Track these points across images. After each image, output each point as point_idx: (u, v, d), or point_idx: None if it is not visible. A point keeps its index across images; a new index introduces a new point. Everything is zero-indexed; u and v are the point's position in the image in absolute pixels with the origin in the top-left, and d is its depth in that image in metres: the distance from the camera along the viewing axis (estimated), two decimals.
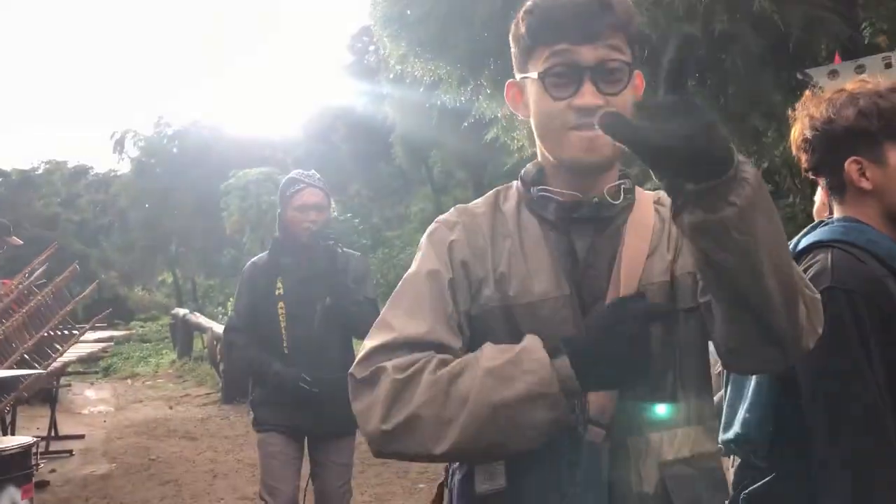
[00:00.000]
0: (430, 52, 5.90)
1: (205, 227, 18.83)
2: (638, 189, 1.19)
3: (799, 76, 3.70)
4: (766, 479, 1.33)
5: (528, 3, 1.14)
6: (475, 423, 0.98)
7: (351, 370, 1.06)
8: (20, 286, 3.92)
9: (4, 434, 4.90)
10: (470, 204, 1.23)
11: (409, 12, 5.92)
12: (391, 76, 8.08)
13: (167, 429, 7.35)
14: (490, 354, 1.01)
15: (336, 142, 18.19)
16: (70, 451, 6.38)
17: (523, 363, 0.99)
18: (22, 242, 6.66)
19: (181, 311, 12.60)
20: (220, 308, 15.65)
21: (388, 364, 1.03)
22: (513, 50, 1.18)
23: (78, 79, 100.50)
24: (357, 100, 16.79)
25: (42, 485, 5.31)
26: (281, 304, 2.95)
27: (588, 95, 1.07)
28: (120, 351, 13.36)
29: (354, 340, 3.13)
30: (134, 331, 14.66)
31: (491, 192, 1.24)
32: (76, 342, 4.18)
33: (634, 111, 1.06)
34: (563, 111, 1.08)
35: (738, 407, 1.37)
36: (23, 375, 3.15)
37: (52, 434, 6.55)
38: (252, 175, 14.95)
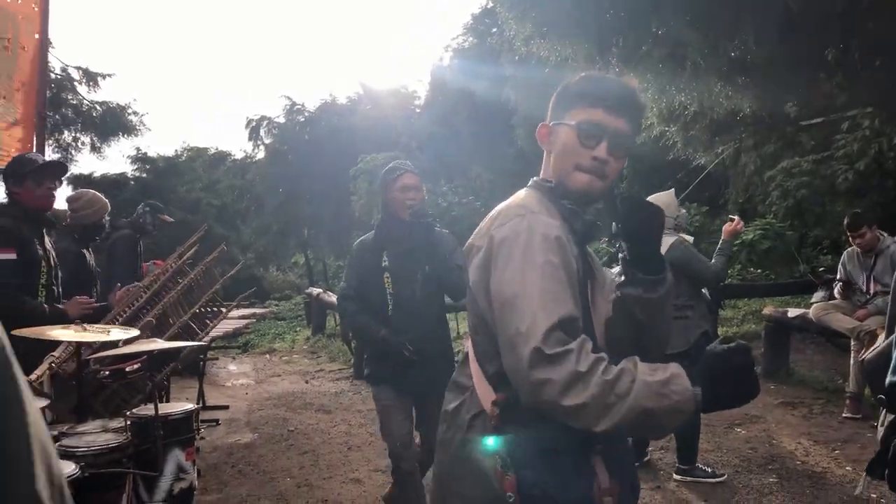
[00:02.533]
0: (556, 31, 5.86)
1: (335, 210, 19.46)
2: None
3: None
4: None
5: (583, 74, 1.67)
6: (628, 418, 1.32)
7: (537, 344, 1.33)
8: (174, 266, 4.21)
9: (160, 402, 5.30)
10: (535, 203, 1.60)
11: None
12: (515, 58, 8.06)
13: (303, 402, 7.67)
14: (647, 370, 1.36)
15: (458, 125, 18.28)
16: (217, 421, 6.78)
17: (672, 385, 1.35)
18: (173, 220, 7.18)
19: (315, 290, 13.10)
20: None
21: (571, 352, 1.33)
22: (554, 101, 1.66)
23: (214, 64, 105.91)
24: (479, 83, 16.80)
25: None
26: (386, 274, 3.48)
27: (603, 151, 1.55)
28: (258, 328, 14.03)
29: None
30: (271, 309, 15.35)
31: (534, 191, 1.65)
32: (224, 318, 4.45)
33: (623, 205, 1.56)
34: (583, 154, 1.57)
35: None
36: (183, 347, 3.40)
37: (201, 404, 7.02)
38: (379, 160, 15.31)
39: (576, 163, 1.57)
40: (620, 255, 1.60)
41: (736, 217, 4.82)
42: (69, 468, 2.27)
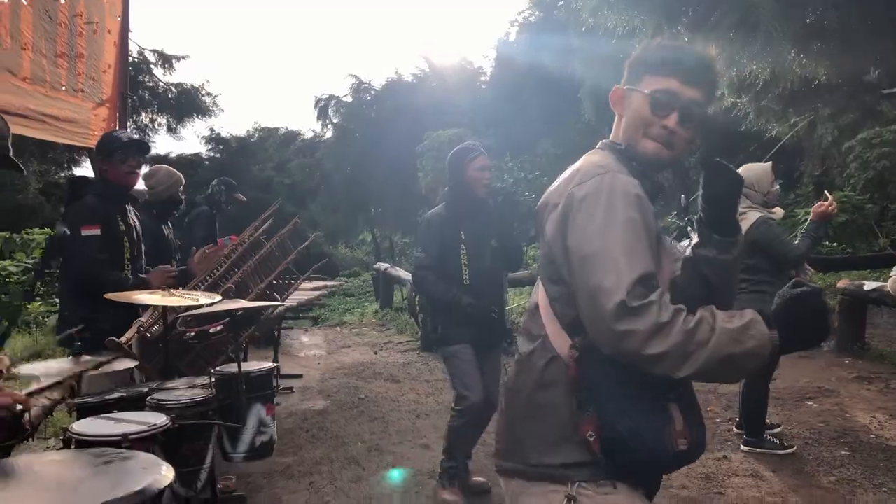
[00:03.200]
0: (624, 1, 5.80)
1: (401, 188, 19.63)
2: None
3: None
4: None
5: (658, 40, 1.77)
6: (709, 364, 1.40)
7: (622, 297, 1.39)
8: (252, 237, 4.40)
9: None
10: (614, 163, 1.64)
11: None
12: (582, 29, 7.99)
13: (373, 372, 7.88)
14: (724, 317, 1.43)
15: (524, 100, 18.14)
16: (291, 389, 7.04)
17: (750, 330, 1.43)
18: (246, 199, 7.42)
19: (383, 266, 13.33)
20: None
21: (654, 304, 1.39)
22: (630, 65, 1.69)
23: (283, 45, 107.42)
24: (545, 56, 16.62)
25: None
26: (463, 246, 3.87)
27: (673, 121, 1.60)
28: (328, 303, 14.37)
29: None
30: (341, 284, 15.65)
31: (607, 151, 1.70)
32: (297, 288, 4.63)
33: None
34: (653, 122, 1.62)
35: None
36: (264, 307, 3.57)
37: (277, 373, 7.29)
38: (444, 136, 15.38)
39: (645, 130, 1.62)
40: (696, 216, 1.65)
41: (830, 198, 4.57)
42: (160, 419, 2.44)
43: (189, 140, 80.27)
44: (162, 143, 40.30)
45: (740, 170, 4.80)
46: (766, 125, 10.09)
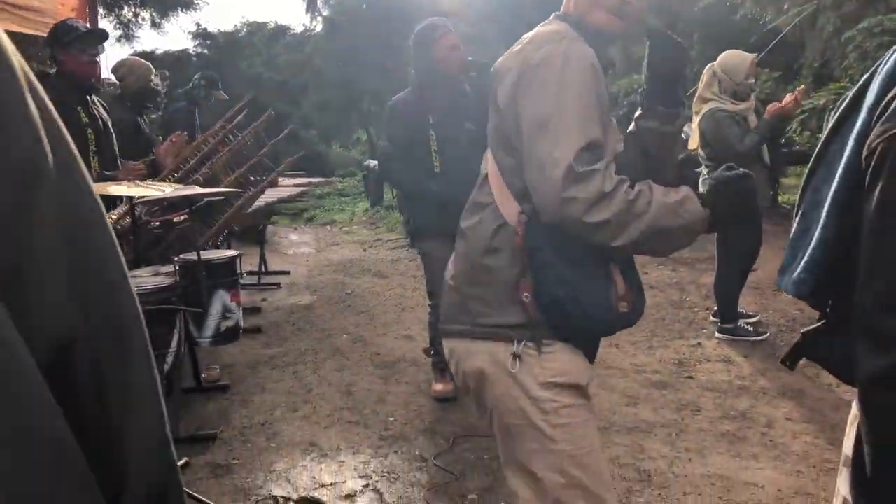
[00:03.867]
0: None
1: (395, 83, 19.20)
2: None
3: None
4: None
5: None
6: (644, 235, 1.44)
7: (570, 162, 1.41)
8: (224, 129, 4.33)
9: None
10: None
11: None
12: None
13: (361, 268, 7.94)
14: (662, 191, 1.47)
15: None
16: (278, 284, 7.12)
17: (686, 205, 1.48)
18: (227, 97, 7.25)
19: (372, 163, 13.23)
20: None
21: (598, 172, 1.42)
22: None
23: None
24: None
25: (255, 310, 6.06)
26: (431, 132, 3.58)
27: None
28: (321, 204, 14.34)
29: None
30: (333, 181, 15.53)
31: (560, 22, 1.65)
32: (274, 181, 4.57)
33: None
34: None
35: None
36: (221, 195, 3.53)
37: (263, 269, 7.36)
38: None
39: (596, 1, 1.60)
40: (641, 89, 1.66)
41: (794, 93, 4.44)
42: None
43: (174, 36, 78.21)
44: (147, 40, 39.39)
45: (723, 54, 4.68)
46: (763, 13, 9.78)
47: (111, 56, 32.32)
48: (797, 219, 1.17)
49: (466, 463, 3.27)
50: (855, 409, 1.03)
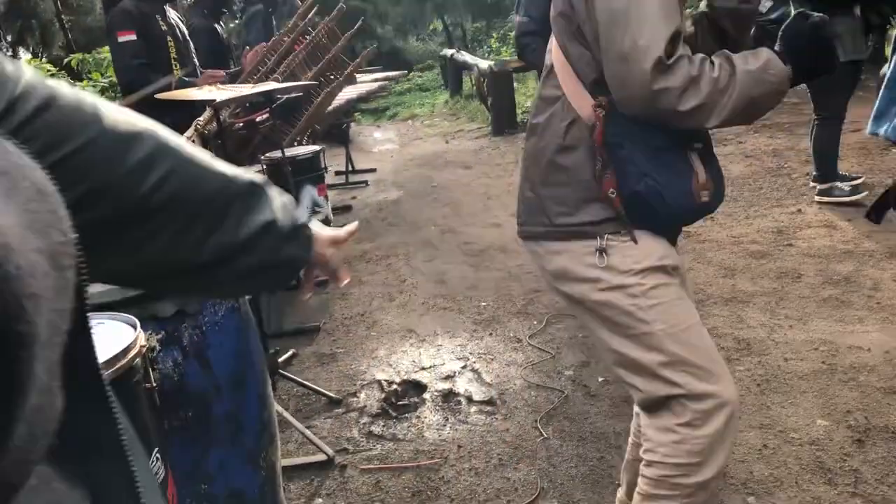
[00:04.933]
0: None
1: None
2: None
3: None
4: None
5: None
6: (737, 109, 1.41)
7: (660, 54, 1.35)
8: (297, 27, 4.30)
9: None
10: None
11: None
12: None
13: (445, 160, 7.93)
14: (742, 60, 1.42)
15: None
16: (365, 182, 7.24)
17: (770, 69, 1.42)
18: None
19: (448, 52, 12.97)
20: (485, 48, 15.83)
21: (684, 58, 1.38)
22: None
23: None
24: None
25: (346, 208, 6.20)
26: None
27: None
28: (402, 101, 14.26)
29: None
30: (406, 74, 15.25)
31: None
32: (351, 76, 4.53)
33: None
34: None
35: None
36: (301, 88, 3.52)
37: (349, 168, 7.47)
38: None
39: None
40: None
41: None
42: None
43: None
44: None
45: None
46: None
47: None
48: (894, 58, 1.08)
49: (560, 342, 3.32)
50: None
